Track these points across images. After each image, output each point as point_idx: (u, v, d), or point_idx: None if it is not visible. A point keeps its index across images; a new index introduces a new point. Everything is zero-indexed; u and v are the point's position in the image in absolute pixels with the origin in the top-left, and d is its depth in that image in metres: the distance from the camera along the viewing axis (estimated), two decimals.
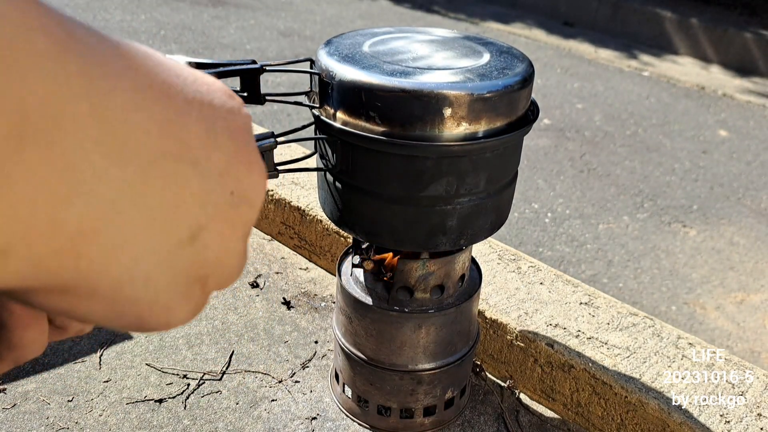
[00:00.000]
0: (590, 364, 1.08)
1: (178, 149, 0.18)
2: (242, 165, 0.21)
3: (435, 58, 0.81)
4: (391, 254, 0.99)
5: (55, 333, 0.27)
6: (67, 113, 0.15)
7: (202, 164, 0.19)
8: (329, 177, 0.86)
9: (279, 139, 0.78)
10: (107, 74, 0.16)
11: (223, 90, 0.21)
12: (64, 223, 0.16)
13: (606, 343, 1.12)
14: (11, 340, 0.26)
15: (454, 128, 0.75)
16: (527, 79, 0.80)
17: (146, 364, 1.19)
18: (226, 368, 1.20)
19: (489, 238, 1.35)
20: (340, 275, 1.03)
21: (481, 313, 1.20)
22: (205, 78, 0.20)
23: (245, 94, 0.78)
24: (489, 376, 1.22)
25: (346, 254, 1.08)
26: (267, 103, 0.80)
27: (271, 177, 0.79)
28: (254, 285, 1.44)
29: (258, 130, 1.89)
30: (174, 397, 1.13)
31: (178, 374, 1.18)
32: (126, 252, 0.18)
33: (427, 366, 1.01)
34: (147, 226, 0.18)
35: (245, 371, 1.20)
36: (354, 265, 1.02)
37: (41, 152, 0.15)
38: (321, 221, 1.47)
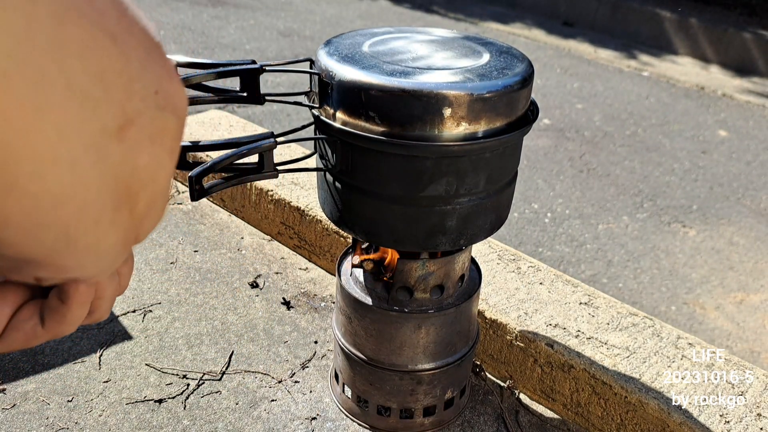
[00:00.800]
0: (590, 364, 1.08)
1: (92, 12, 0.17)
2: (162, 67, 0.21)
3: (435, 58, 0.81)
4: (390, 254, 0.99)
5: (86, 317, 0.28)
6: None
7: (120, 41, 0.18)
8: (329, 177, 0.86)
9: (279, 139, 0.78)
10: None
11: None
12: None
13: (606, 343, 1.12)
14: (65, 315, 0.27)
15: (454, 128, 0.75)
16: (527, 79, 0.80)
17: (146, 365, 1.19)
18: (226, 368, 1.20)
19: (489, 238, 1.35)
20: (339, 275, 1.03)
21: (480, 313, 1.20)
22: None
23: (245, 94, 0.78)
24: (489, 376, 1.22)
25: (345, 254, 1.08)
26: (267, 103, 0.80)
27: (270, 177, 0.79)
28: (254, 285, 1.44)
29: (258, 130, 1.89)
30: (174, 398, 1.13)
31: (177, 374, 1.18)
32: (45, 116, 0.16)
33: (426, 366, 1.01)
34: (69, 90, 0.17)
35: (245, 371, 1.20)
36: (354, 265, 1.02)
37: None
38: (321, 221, 1.47)
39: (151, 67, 0.20)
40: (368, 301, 0.98)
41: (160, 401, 1.12)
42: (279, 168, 0.80)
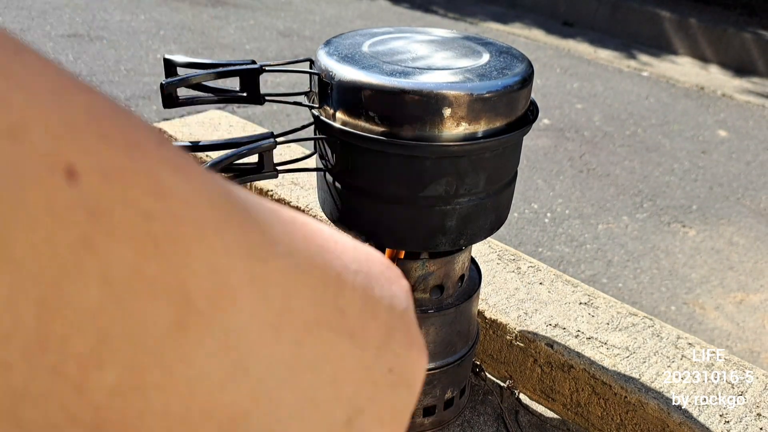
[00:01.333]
0: (590, 364, 1.08)
1: (333, 318, 0.16)
2: (400, 339, 0.19)
3: (434, 59, 0.81)
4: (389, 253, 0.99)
5: None
6: (226, 289, 0.14)
7: (359, 336, 0.17)
8: (329, 177, 0.87)
9: (279, 140, 0.78)
10: (265, 241, 0.15)
11: (381, 260, 0.20)
12: (217, 410, 0.14)
13: (605, 343, 1.13)
14: None
15: (454, 128, 0.75)
16: (527, 80, 0.80)
17: None
18: None
19: (488, 238, 1.35)
20: None
21: (480, 313, 1.20)
22: (364, 247, 0.19)
23: (245, 94, 0.79)
24: (489, 376, 1.22)
25: None
26: (266, 103, 0.80)
27: (270, 177, 0.79)
28: None
29: (257, 130, 1.89)
30: None
31: None
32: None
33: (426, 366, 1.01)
34: (301, 407, 0.16)
35: None
36: None
37: (201, 337, 0.13)
38: (320, 221, 1.47)
39: (389, 345, 0.18)
40: None
41: None
42: (279, 168, 0.80)
